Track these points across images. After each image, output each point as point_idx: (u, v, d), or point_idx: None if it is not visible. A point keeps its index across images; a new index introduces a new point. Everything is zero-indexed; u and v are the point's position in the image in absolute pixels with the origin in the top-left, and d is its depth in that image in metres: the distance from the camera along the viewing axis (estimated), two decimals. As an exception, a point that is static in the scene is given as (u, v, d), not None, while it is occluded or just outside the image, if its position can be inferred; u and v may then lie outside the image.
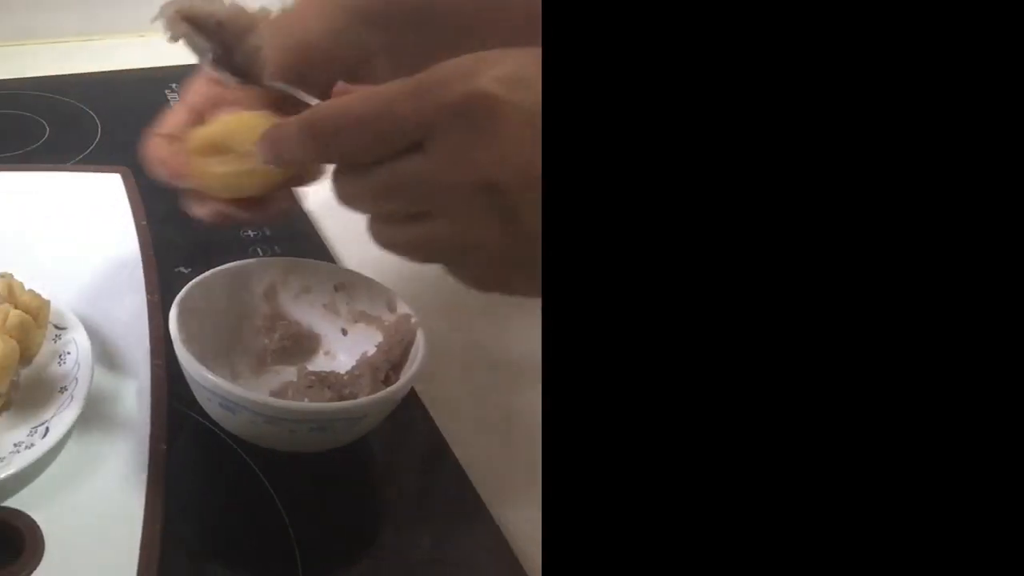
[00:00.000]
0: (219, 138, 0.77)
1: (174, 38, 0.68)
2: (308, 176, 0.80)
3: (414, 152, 0.61)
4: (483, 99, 0.59)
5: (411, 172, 0.62)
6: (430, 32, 0.82)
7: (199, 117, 0.82)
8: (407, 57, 0.76)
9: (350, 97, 0.65)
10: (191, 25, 0.68)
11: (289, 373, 0.86)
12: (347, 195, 0.67)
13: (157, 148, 0.80)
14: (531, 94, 0.58)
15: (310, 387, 0.82)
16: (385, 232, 0.68)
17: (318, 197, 1.16)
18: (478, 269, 0.67)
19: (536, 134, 0.54)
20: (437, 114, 0.60)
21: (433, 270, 0.68)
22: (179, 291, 0.82)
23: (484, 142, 0.60)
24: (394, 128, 0.61)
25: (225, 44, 0.69)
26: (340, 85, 0.71)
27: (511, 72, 0.60)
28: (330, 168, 0.70)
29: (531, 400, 0.90)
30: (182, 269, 1.02)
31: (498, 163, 0.60)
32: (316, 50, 0.79)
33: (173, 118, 0.83)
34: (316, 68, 0.78)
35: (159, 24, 0.74)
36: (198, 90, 0.84)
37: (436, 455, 0.83)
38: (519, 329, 0.97)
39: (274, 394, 0.82)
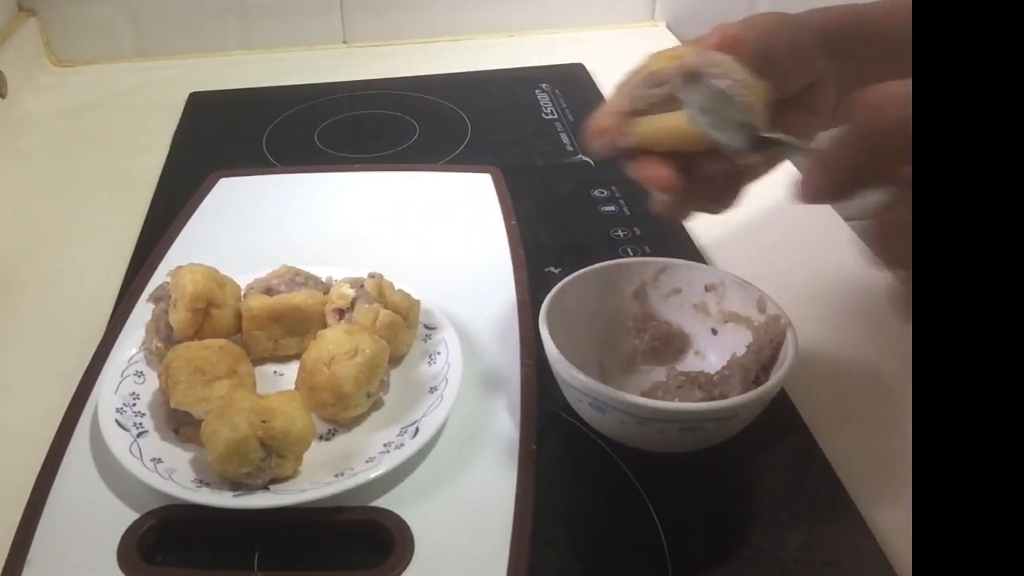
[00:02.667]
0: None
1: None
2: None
3: None
4: None
5: None
6: (867, 58, 0.82)
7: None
8: (848, 84, 0.78)
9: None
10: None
11: (658, 373, 0.90)
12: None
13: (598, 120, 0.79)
14: None
15: (680, 387, 0.85)
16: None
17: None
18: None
19: None
20: None
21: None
22: (548, 291, 0.87)
23: None
24: None
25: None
26: None
27: None
28: None
29: (902, 401, 0.90)
30: (551, 269, 1.08)
31: None
32: (779, 68, 0.77)
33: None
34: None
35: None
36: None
37: (806, 455, 0.85)
38: (891, 330, 0.98)
39: (644, 394, 0.86)
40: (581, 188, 1.28)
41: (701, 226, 1.17)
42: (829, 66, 0.79)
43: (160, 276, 1.06)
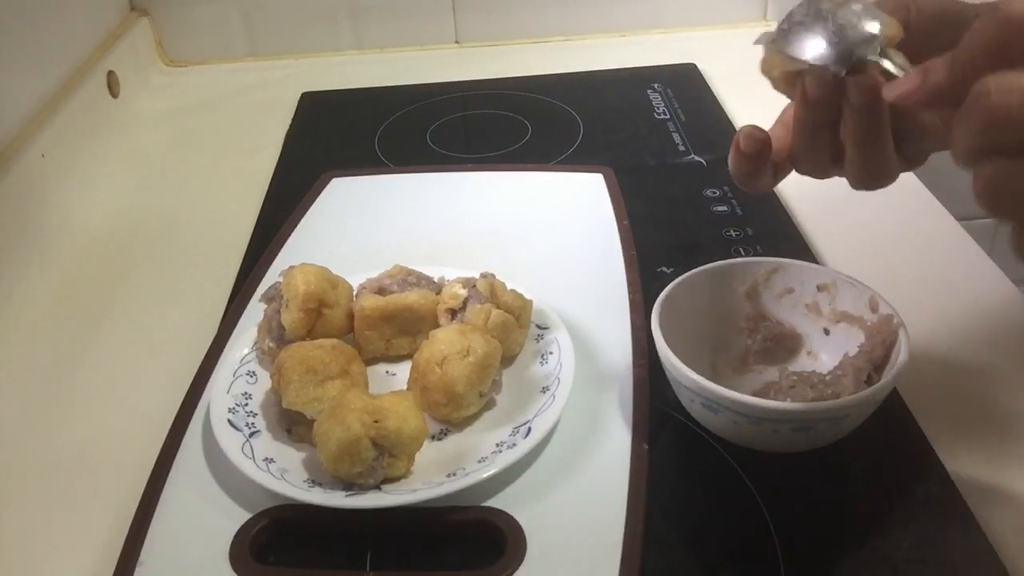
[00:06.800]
0: None
1: None
2: None
3: None
4: None
5: None
6: None
7: None
8: None
9: None
10: None
11: (770, 373, 0.92)
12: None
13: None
14: None
15: (792, 387, 0.86)
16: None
17: (800, 197, 1.21)
18: None
19: None
20: None
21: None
22: (660, 291, 0.89)
23: None
24: None
25: None
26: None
27: None
28: None
29: (1015, 401, 0.90)
30: (664, 269, 1.10)
31: None
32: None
33: None
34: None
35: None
36: None
37: (918, 456, 0.85)
38: (1004, 330, 0.99)
39: (756, 394, 0.87)
40: (693, 188, 1.30)
41: (813, 226, 1.18)
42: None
43: (272, 276, 1.09)
